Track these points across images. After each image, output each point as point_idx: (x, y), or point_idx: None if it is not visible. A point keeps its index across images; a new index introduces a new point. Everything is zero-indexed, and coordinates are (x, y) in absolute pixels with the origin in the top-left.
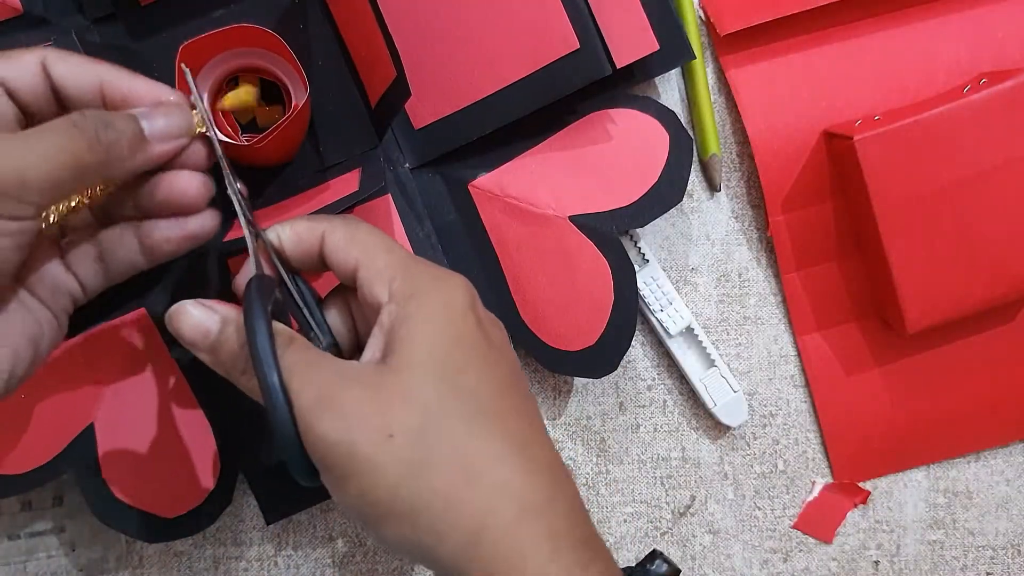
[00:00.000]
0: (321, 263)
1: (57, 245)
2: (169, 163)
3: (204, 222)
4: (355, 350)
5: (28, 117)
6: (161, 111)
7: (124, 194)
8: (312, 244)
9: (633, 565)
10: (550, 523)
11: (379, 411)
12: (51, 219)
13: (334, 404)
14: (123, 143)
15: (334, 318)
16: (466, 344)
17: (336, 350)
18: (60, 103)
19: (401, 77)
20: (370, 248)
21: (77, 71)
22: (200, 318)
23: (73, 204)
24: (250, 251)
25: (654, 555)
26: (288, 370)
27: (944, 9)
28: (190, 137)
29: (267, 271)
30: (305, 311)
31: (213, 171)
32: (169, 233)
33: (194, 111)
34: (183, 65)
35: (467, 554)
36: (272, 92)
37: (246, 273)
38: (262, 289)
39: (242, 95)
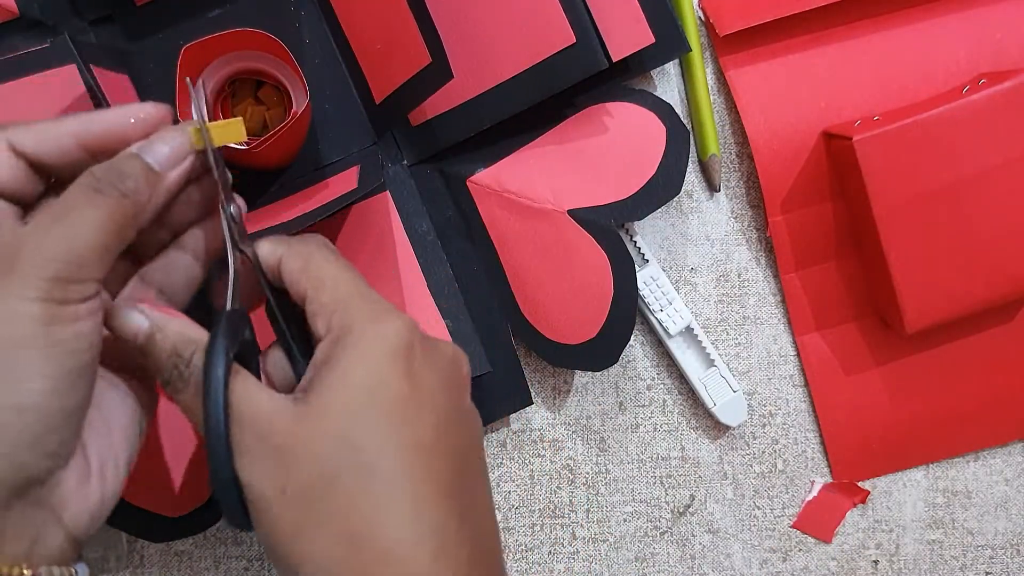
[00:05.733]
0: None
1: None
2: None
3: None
4: None
5: (19, 203)
6: (157, 138)
7: (153, 227)
8: (273, 267)
9: None
10: None
11: (281, 464)
12: None
13: (253, 450)
14: (142, 185)
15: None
16: (383, 397)
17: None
18: (39, 173)
19: (441, 59)
20: (319, 282)
21: (46, 136)
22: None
23: None
24: (229, 282)
25: None
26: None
27: (943, 9)
28: (193, 151)
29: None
30: (286, 331)
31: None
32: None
33: (191, 122)
34: (187, 79)
35: None
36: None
37: (220, 302)
38: (230, 329)
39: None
